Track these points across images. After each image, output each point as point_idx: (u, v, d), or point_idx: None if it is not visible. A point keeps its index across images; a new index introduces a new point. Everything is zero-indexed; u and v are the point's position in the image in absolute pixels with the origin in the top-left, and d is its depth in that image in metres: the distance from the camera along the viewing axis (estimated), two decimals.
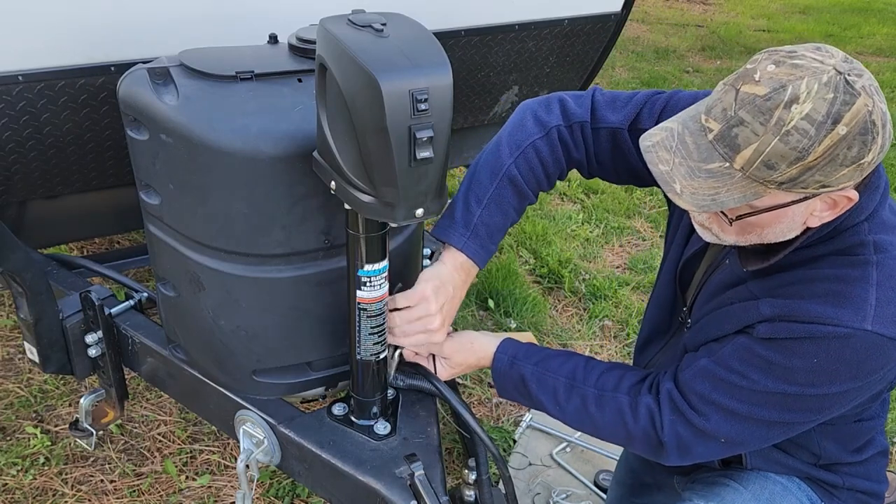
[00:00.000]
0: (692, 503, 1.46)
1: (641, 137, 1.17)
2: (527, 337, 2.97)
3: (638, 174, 1.45)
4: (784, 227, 1.16)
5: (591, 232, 3.80)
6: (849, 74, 1.02)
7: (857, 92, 1.01)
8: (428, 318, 1.38)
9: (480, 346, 1.50)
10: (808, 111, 1.00)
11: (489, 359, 1.49)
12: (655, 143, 1.14)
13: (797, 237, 1.20)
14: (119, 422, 2.37)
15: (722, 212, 1.16)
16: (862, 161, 1.04)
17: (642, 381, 1.38)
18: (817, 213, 1.13)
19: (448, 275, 1.40)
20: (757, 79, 1.05)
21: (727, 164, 1.06)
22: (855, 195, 1.10)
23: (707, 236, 1.26)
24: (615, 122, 1.44)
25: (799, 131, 1.01)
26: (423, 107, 1.08)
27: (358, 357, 1.42)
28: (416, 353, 1.52)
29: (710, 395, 1.27)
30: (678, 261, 1.51)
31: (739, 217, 1.15)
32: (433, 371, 1.51)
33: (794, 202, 1.09)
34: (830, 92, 1.01)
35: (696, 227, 1.27)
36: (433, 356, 1.53)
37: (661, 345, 1.59)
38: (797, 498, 1.46)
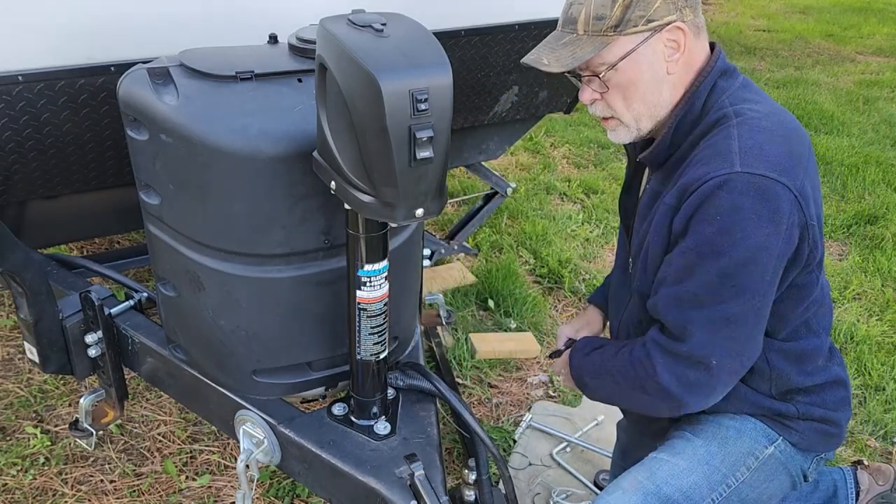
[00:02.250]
0: (649, 457, 1.54)
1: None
2: (527, 337, 2.97)
3: None
4: (650, 77, 1.39)
5: (591, 232, 3.80)
6: None
7: None
8: None
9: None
10: None
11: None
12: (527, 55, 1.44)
13: (673, 111, 1.42)
14: (119, 422, 2.37)
15: (593, 75, 1.40)
16: None
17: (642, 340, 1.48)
18: (668, 58, 1.37)
19: None
20: None
21: (574, 35, 1.38)
22: (685, 27, 1.35)
23: (599, 111, 1.46)
24: None
25: None
26: (423, 107, 1.08)
27: (358, 357, 1.42)
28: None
29: (680, 315, 1.37)
30: (622, 204, 1.69)
31: (605, 75, 1.38)
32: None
33: (639, 45, 1.35)
34: None
35: (591, 108, 1.47)
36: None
37: (625, 302, 1.64)
38: (751, 437, 1.52)
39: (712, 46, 1.44)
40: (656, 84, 1.40)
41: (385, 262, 1.33)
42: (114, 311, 1.74)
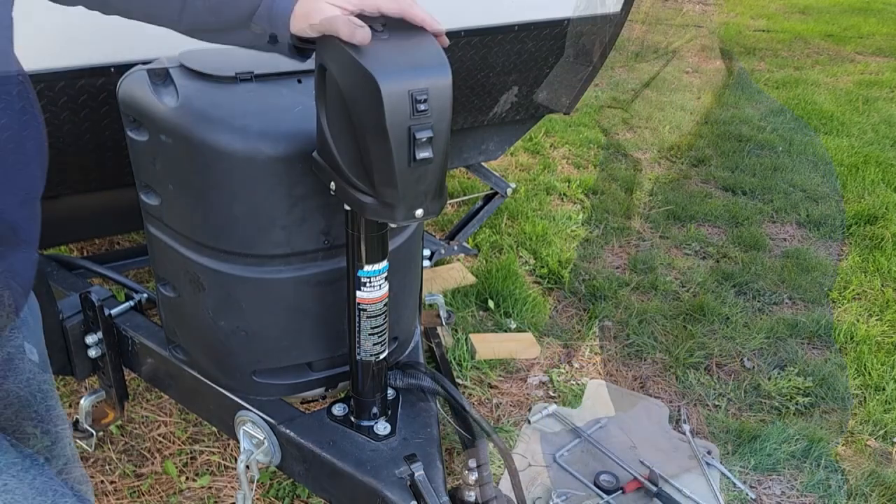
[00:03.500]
0: None
1: None
2: (527, 338, 2.96)
3: None
4: None
5: (591, 232, 3.80)
6: None
7: None
8: None
9: None
10: None
11: None
12: None
13: None
14: (119, 423, 2.37)
15: None
16: None
17: None
18: None
19: None
20: None
21: None
22: None
23: None
24: None
25: None
26: (422, 107, 1.08)
27: (358, 357, 1.42)
28: None
29: None
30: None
31: None
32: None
33: None
34: None
35: None
36: None
37: None
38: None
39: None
40: None
41: (385, 263, 1.33)
42: (114, 311, 1.74)
